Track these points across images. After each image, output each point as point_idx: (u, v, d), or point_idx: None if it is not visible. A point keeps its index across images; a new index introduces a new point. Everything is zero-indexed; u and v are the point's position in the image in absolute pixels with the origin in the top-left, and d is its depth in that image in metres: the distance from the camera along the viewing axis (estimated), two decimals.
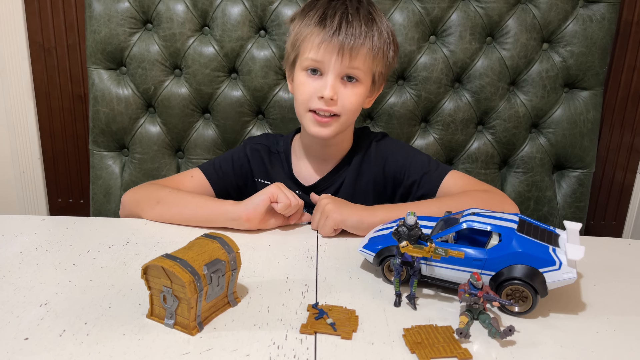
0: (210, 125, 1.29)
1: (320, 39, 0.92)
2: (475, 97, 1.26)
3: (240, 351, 0.58)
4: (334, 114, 0.95)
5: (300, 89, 0.97)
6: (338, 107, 0.94)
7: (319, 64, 0.94)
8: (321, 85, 0.94)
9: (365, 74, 0.96)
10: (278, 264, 0.79)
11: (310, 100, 0.95)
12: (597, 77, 1.25)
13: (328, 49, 0.92)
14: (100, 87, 1.25)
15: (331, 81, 0.93)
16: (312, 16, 0.95)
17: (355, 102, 0.96)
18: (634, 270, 0.82)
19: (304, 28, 0.95)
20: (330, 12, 0.94)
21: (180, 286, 0.59)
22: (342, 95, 0.94)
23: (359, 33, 0.92)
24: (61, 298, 0.67)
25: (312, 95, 0.95)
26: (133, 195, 1.00)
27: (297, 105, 0.99)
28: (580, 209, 1.31)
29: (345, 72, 0.94)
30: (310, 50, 0.94)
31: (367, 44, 0.93)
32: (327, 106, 0.94)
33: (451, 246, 0.67)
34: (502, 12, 1.23)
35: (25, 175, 1.62)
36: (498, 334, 0.60)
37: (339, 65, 0.93)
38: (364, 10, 0.95)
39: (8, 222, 0.91)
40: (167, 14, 1.22)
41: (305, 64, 0.95)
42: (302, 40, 0.95)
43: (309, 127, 0.97)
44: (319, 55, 0.93)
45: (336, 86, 0.94)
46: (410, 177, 1.02)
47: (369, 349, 0.59)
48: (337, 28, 0.92)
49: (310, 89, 0.95)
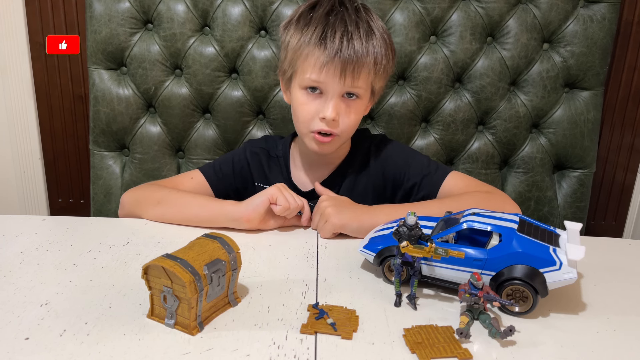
0: (210, 126, 1.30)
1: (322, 60, 0.90)
2: (476, 97, 1.26)
3: (241, 351, 0.58)
4: (334, 133, 0.94)
5: (300, 109, 0.96)
6: (339, 128, 0.94)
7: (320, 84, 0.92)
8: (322, 105, 0.93)
9: (365, 90, 0.96)
10: (278, 264, 0.79)
11: (312, 122, 0.94)
12: (597, 77, 1.25)
13: (330, 70, 0.90)
14: (100, 87, 1.25)
15: (333, 102, 0.92)
16: (310, 34, 0.92)
17: (355, 119, 0.96)
18: (635, 270, 0.82)
19: (303, 46, 0.93)
20: (329, 30, 0.91)
21: (181, 286, 0.59)
22: (343, 114, 0.94)
23: (360, 51, 0.91)
24: (62, 298, 0.67)
25: (313, 116, 0.94)
26: (133, 196, 1.00)
27: (298, 124, 0.98)
28: (580, 209, 1.31)
29: (346, 91, 0.93)
30: (312, 72, 0.92)
31: (368, 61, 0.92)
32: (328, 127, 0.93)
33: (451, 246, 0.67)
34: (503, 12, 1.23)
35: (25, 175, 1.62)
36: (498, 334, 0.60)
37: (341, 86, 0.92)
38: (362, 23, 0.93)
39: (9, 222, 0.91)
40: (167, 14, 1.23)
41: (305, 83, 0.94)
42: (302, 60, 0.93)
43: (310, 145, 0.97)
44: (321, 77, 0.91)
45: (338, 106, 0.93)
46: (410, 180, 1.02)
47: (370, 349, 0.59)
48: (339, 48, 0.90)
49: (311, 109, 0.94)
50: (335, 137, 0.95)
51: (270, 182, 1.05)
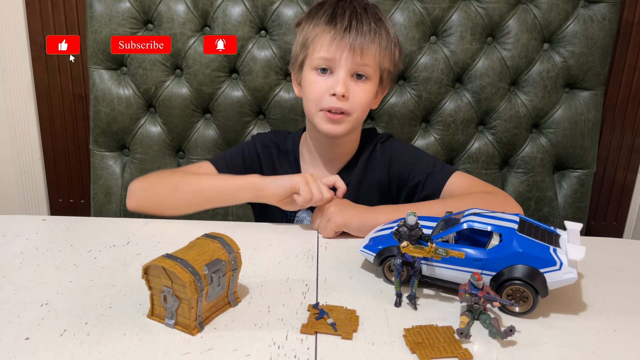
0: (210, 126, 1.30)
1: (331, 36, 0.93)
2: (476, 97, 1.26)
3: (241, 351, 0.58)
4: (344, 112, 0.95)
5: (310, 88, 0.97)
6: (349, 104, 0.95)
7: (329, 62, 0.94)
8: (332, 82, 0.94)
9: (375, 71, 0.97)
10: (279, 264, 0.79)
11: (322, 99, 0.95)
12: (597, 77, 1.25)
13: (340, 46, 0.93)
14: (101, 87, 1.25)
15: (342, 78, 0.93)
16: (320, 16, 0.96)
17: (365, 98, 0.96)
18: (635, 270, 0.82)
19: (313, 28, 0.96)
20: (339, 11, 0.95)
21: (181, 286, 0.59)
22: (353, 92, 0.95)
23: (369, 30, 0.94)
24: (62, 298, 0.67)
25: (323, 94, 0.95)
26: (144, 183, 0.99)
27: (308, 105, 0.99)
28: (581, 209, 1.31)
29: (355, 70, 0.94)
30: (321, 49, 0.94)
31: (377, 41, 0.94)
32: (338, 104, 0.94)
33: (452, 246, 0.67)
34: (503, 13, 1.23)
35: (26, 175, 1.62)
36: (499, 334, 0.60)
37: (350, 62, 0.93)
38: (371, 11, 0.97)
39: (9, 222, 0.91)
40: (167, 14, 1.23)
41: (315, 63, 0.95)
42: (312, 40, 0.96)
43: (320, 125, 0.97)
44: (330, 53, 0.93)
45: (347, 83, 0.94)
46: (415, 178, 1.02)
47: (370, 349, 0.59)
48: (348, 25, 0.93)
49: (322, 87, 0.95)
50: (346, 117, 0.96)
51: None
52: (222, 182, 0.95)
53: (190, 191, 0.94)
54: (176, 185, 0.95)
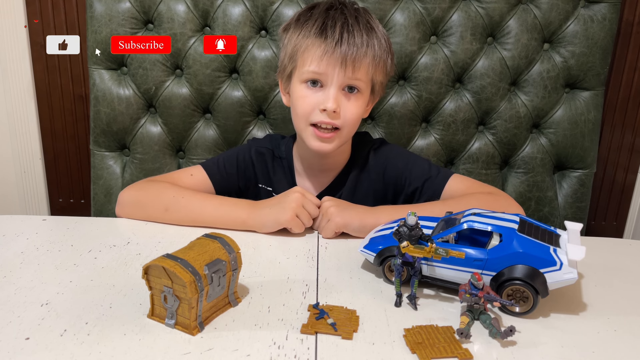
0: (211, 126, 1.30)
1: (322, 50, 0.90)
2: (476, 97, 1.26)
3: (241, 351, 0.58)
4: (335, 127, 0.93)
5: (300, 102, 0.94)
6: (340, 120, 0.93)
7: (320, 76, 0.92)
8: (323, 97, 0.92)
9: (366, 85, 0.95)
10: (279, 264, 0.79)
11: (311, 114, 0.93)
12: (598, 77, 1.25)
13: (330, 60, 0.90)
14: (101, 87, 1.25)
15: (334, 93, 0.91)
16: (310, 27, 0.92)
17: (356, 113, 0.94)
18: (635, 270, 0.82)
19: (303, 39, 0.92)
20: (330, 22, 0.91)
21: (181, 286, 0.59)
22: (344, 107, 0.92)
23: (361, 43, 0.91)
24: (62, 298, 0.67)
25: (313, 108, 0.93)
26: (134, 196, 0.96)
27: (297, 119, 0.96)
28: (581, 209, 1.31)
29: (347, 83, 0.92)
30: (311, 63, 0.91)
31: (369, 54, 0.92)
32: (329, 119, 0.92)
33: (452, 246, 0.67)
34: (503, 13, 1.23)
35: (26, 175, 1.62)
36: (499, 334, 0.60)
37: (342, 77, 0.91)
38: (362, 19, 0.93)
39: (9, 222, 0.91)
40: (168, 14, 1.23)
41: (305, 76, 0.93)
42: (301, 53, 0.93)
43: (309, 142, 0.95)
44: (321, 68, 0.91)
45: (338, 98, 0.92)
46: (412, 185, 1.02)
47: (370, 349, 0.59)
48: (339, 39, 0.90)
49: (312, 101, 0.93)
50: (337, 134, 0.94)
51: (274, 185, 1.05)
52: (212, 208, 0.92)
53: (180, 217, 0.92)
54: (167, 208, 0.92)
